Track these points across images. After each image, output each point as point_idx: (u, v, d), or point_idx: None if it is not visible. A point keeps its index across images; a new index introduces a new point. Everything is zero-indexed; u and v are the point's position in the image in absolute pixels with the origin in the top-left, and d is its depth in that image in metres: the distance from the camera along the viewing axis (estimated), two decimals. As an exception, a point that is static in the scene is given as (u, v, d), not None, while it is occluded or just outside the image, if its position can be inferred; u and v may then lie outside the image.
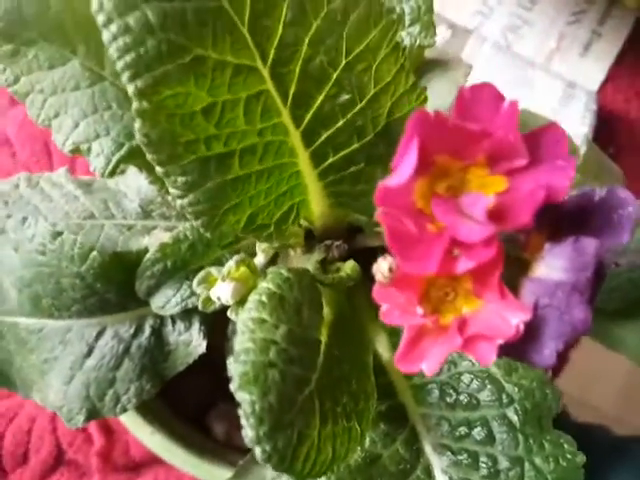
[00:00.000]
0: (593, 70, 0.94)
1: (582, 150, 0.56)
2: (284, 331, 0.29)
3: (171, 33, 0.25)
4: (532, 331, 0.25)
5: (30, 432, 0.79)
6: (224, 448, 0.57)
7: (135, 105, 0.26)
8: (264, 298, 0.32)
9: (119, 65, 0.25)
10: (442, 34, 0.93)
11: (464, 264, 0.23)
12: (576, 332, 0.25)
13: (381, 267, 0.24)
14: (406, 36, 0.42)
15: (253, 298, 0.32)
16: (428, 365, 0.25)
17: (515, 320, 0.24)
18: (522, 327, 0.24)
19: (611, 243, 0.26)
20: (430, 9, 0.42)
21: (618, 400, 1.35)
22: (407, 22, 0.42)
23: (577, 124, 0.88)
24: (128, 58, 0.25)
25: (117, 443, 0.77)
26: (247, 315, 0.30)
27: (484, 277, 0.24)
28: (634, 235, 0.45)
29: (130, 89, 0.25)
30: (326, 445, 0.27)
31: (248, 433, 0.24)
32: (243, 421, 0.24)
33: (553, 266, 0.24)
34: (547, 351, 0.25)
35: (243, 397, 0.24)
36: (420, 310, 0.25)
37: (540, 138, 0.23)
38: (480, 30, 0.94)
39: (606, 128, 0.92)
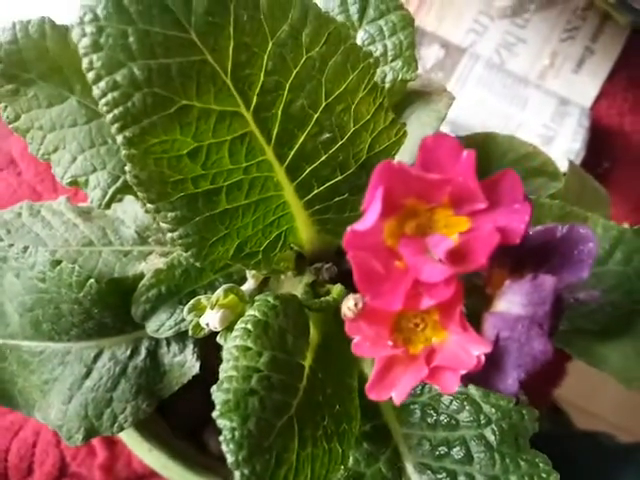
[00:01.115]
0: (586, 86, 0.96)
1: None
2: (267, 358, 0.31)
3: (156, 87, 0.27)
4: (495, 362, 0.27)
5: (35, 445, 0.80)
6: (220, 463, 0.58)
7: (124, 152, 0.28)
8: (249, 326, 0.33)
9: (108, 118, 0.27)
10: (435, 53, 0.95)
11: (426, 301, 0.25)
12: (536, 362, 0.27)
13: (348, 304, 0.26)
14: (389, 71, 0.44)
15: (239, 326, 0.33)
16: (397, 393, 0.26)
17: (476, 352, 0.25)
18: (483, 358, 0.25)
19: (571, 278, 0.28)
20: (411, 45, 0.44)
21: (621, 409, 1.35)
22: (390, 57, 0.44)
23: (569, 141, 0.89)
24: (116, 112, 0.27)
25: (120, 456, 0.78)
26: (232, 343, 0.32)
27: (448, 311, 0.26)
28: (612, 258, 0.47)
29: (119, 139, 0.27)
30: (305, 467, 0.29)
31: (228, 458, 0.26)
32: (223, 446, 0.26)
33: (513, 301, 0.26)
34: (510, 380, 0.27)
35: (224, 424, 0.26)
36: (390, 342, 0.26)
37: (499, 183, 0.25)
38: (474, 48, 0.95)
39: (600, 143, 0.93)
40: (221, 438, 0.26)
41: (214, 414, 0.27)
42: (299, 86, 0.32)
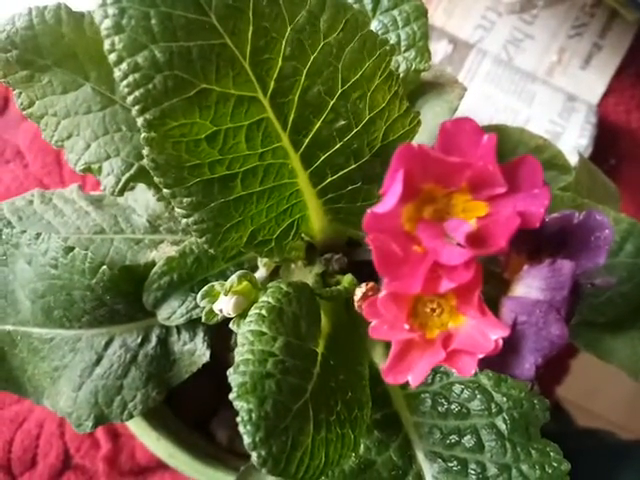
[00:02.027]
0: (594, 83, 0.96)
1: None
2: (282, 343, 0.31)
3: (177, 70, 0.27)
4: (512, 346, 0.27)
5: (39, 437, 0.80)
6: (227, 454, 0.58)
7: (143, 134, 0.28)
8: (264, 312, 0.34)
9: (129, 100, 0.27)
10: (444, 48, 0.95)
11: (445, 284, 0.25)
12: (553, 347, 0.27)
13: (356, 293, 0.26)
14: (402, 61, 0.44)
15: (253, 312, 0.34)
16: (414, 377, 0.26)
17: (494, 336, 0.26)
18: (501, 343, 0.26)
19: (588, 264, 0.28)
20: (425, 35, 0.44)
21: (623, 407, 1.36)
22: (403, 47, 0.44)
23: (577, 137, 0.89)
24: (137, 93, 0.27)
25: (123, 448, 0.78)
26: (247, 328, 0.32)
27: (466, 295, 0.26)
28: (623, 251, 0.47)
29: (139, 121, 0.28)
30: (319, 451, 0.29)
31: (245, 439, 0.26)
32: (241, 428, 0.26)
33: (531, 286, 0.26)
34: (527, 365, 0.27)
35: (241, 406, 0.26)
36: (407, 326, 0.26)
37: (518, 168, 0.25)
38: (482, 44, 0.95)
39: (608, 140, 0.93)
40: (238, 419, 0.26)
41: (231, 396, 0.27)
42: (316, 72, 0.33)
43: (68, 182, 0.92)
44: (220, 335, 0.49)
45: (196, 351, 0.46)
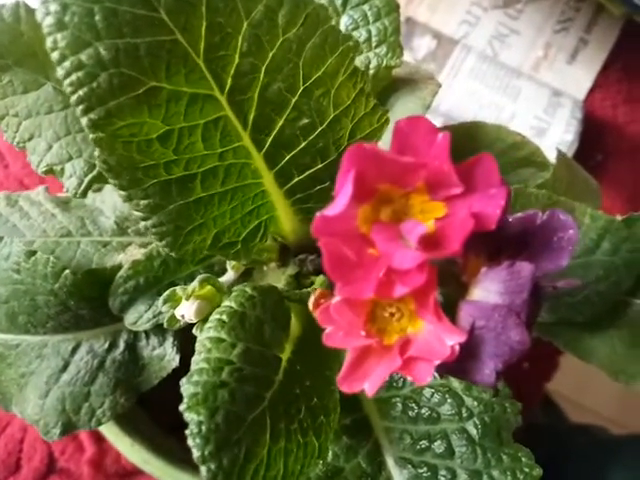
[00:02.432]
0: (580, 78, 0.95)
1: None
2: (241, 350, 0.30)
3: (123, 67, 0.26)
4: (471, 352, 0.26)
5: (22, 441, 0.79)
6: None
7: (90, 135, 0.27)
8: (224, 317, 0.33)
9: (73, 99, 0.26)
10: (427, 44, 0.94)
11: (399, 289, 0.24)
12: (514, 352, 0.26)
13: (310, 300, 0.25)
14: (373, 57, 0.43)
15: (213, 317, 0.33)
16: (370, 385, 0.26)
17: (450, 342, 0.25)
18: (457, 348, 0.25)
19: (550, 266, 0.27)
20: (396, 31, 0.43)
21: (614, 402, 1.36)
22: (374, 43, 0.43)
23: (562, 132, 0.89)
24: (81, 92, 0.26)
25: (108, 451, 0.77)
26: (205, 335, 0.31)
27: (422, 299, 0.25)
28: (600, 248, 0.46)
29: (83, 121, 0.26)
30: (277, 461, 0.28)
31: (194, 453, 0.25)
32: (190, 441, 0.25)
33: (489, 289, 0.25)
34: (487, 370, 0.26)
35: (191, 418, 0.25)
36: (363, 332, 0.26)
37: (474, 168, 0.24)
38: (466, 39, 0.95)
39: (594, 135, 0.92)
40: (187, 432, 0.25)
41: (181, 407, 0.26)
42: (276, 69, 0.32)
43: (49, 182, 0.91)
44: (192, 338, 0.48)
45: (165, 356, 0.45)
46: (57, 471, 0.79)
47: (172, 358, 0.45)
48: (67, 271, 0.41)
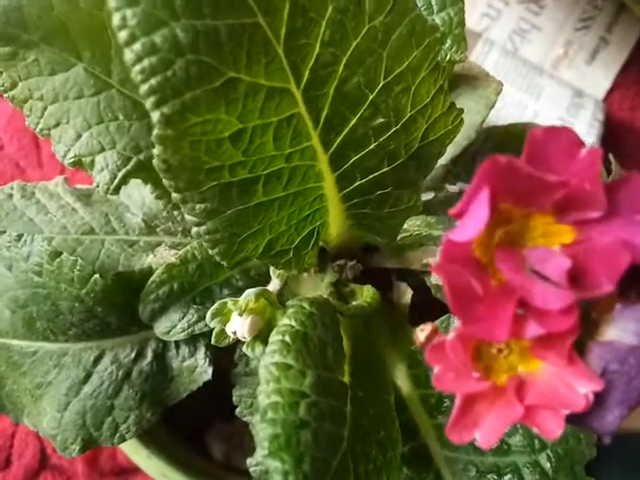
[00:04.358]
0: (599, 78, 0.93)
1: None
2: (312, 379, 0.27)
3: (202, 54, 0.22)
4: (597, 398, 0.23)
5: (13, 435, 0.77)
6: (222, 470, 0.54)
7: (157, 131, 0.23)
8: (287, 338, 0.29)
9: (143, 89, 0.22)
10: (450, 37, 0.91)
11: (534, 330, 0.20)
12: (642, 398, 0.23)
13: (417, 335, 0.21)
14: (436, 50, 0.39)
15: (275, 339, 0.29)
16: (482, 435, 0.22)
17: (583, 389, 0.21)
18: (591, 397, 0.21)
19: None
20: (462, 22, 0.39)
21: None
22: (438, 35, 0.39)
23: (584, 134, 0.86)
24: (154, 81, 0.22)
25: (104, 448, 0.74)
26: (270, 360, 0.27)
27: (551, 341, 0.21)
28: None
29: (155, 116, 0.22)
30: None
31: (283, 511, 0.21)
32: (278, 498, 0.21)
33: (625, 329, 0.22)
34: (610, 417, 0.23)
35: (275, 466, 0.22)
36: (476, 374, 0.22)
37: (619, 189, 0.21)
38: (488, 33, 0.92)
39: (612, 137, 0.90)
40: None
41: (261, 452, 0.22)
42: (357, 61, 0.28)
43: (46, 165, 0.86)
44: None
45: (197, 368, 0.41)
46: (49, 467, 0.76)
47: (204, 370, 0.41)
48: (96, 276, 0.36)
